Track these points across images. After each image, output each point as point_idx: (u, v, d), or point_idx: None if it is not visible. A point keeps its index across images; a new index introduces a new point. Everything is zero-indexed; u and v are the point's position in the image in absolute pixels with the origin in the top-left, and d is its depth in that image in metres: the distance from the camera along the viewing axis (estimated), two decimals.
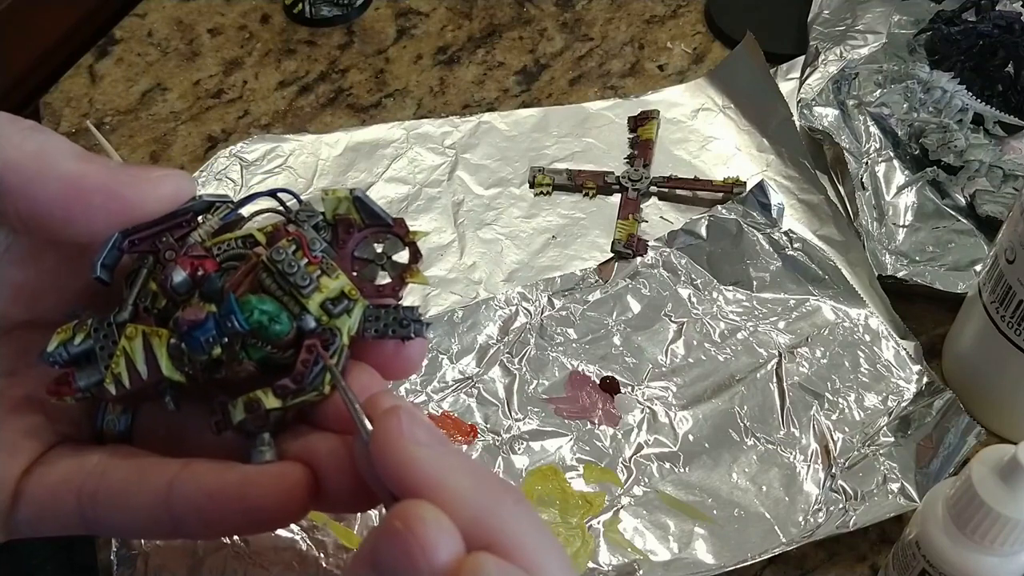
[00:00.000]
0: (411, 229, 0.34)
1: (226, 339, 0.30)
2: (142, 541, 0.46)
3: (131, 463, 0.32)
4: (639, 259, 0.58)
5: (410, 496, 0.26)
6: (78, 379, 0.32)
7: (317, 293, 0.31)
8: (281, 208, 0.34)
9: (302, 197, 0.34)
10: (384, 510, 0.29)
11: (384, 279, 0.34)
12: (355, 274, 0.33)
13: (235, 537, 0.46)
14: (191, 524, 0.32)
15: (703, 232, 0.59)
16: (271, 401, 0.31)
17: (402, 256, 0.34)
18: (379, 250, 0.34)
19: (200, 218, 0.33)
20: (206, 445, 0.32)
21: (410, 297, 0.56)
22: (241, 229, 0.33)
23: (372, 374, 0.33)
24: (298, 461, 0.31)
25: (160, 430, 0.34)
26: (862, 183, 0.61)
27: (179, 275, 0.31)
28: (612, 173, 0.63)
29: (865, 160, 0.62)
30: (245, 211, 0.34)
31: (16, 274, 0.34)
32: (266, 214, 0.34)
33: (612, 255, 0.59)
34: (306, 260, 0.32)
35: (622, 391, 0.53)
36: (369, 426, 0.29)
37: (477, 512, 0.27)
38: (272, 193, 0.33)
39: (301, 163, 0.64)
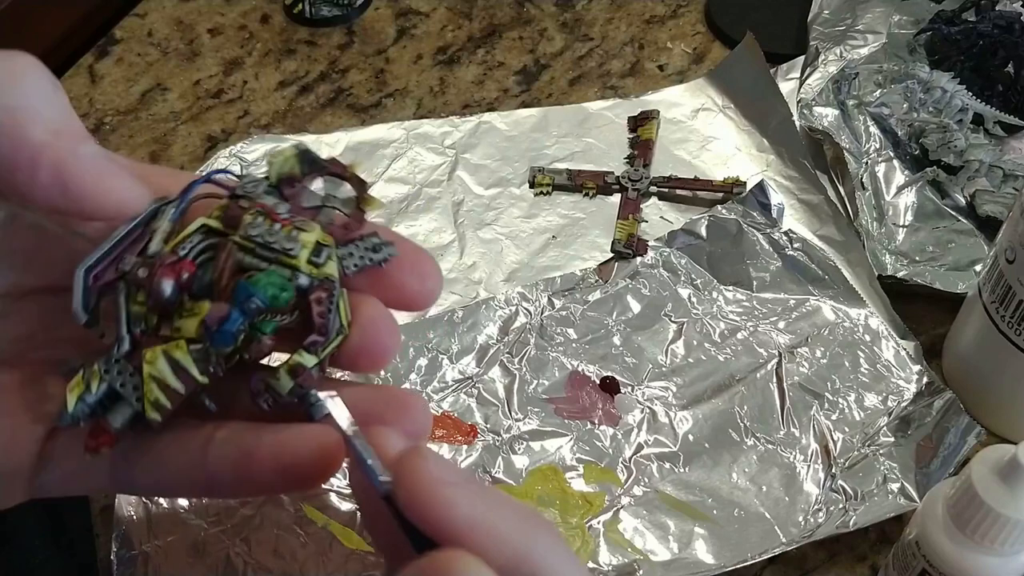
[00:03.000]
0: (346, 164, 0.34)
1: (248, 323, 0.31)
2: (142, 542, 0.46)
3: (168, 423, 0.33)
4: (639, 259, 0.58)
5: (447, 539, 0.26)
6: (112, 422, 0.32)
7: (303, 250, 0.32)
8: (221, 188, 0.34)
9: (236, 172, 0.34)
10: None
11: (342, 217, 0.34)
12: (314, 222, 0.34)
13: (235, 537, 0.46)
14: (226, 482, 0.33)
15: (703, 232, 0.59)
16: (309, 359, 0.32)
17: (348, 191, 0.34)
18: (323, 193, 0.34)
19: (152, 225, 0.33)
20: (237, 410, 0.33)
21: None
22: (192, 223, 0.33)
23: (375, 303, 0.33)
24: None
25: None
26: (862, 183, 0.61)
27: (167, 286, 0.31)
28: (612, 173, 0.63)
29: (865, 160, 0.62)
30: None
31: (25, 241, 0.34)
32: (205, 199, 0.34)
33: (612, 255, 0.59)
34: (279, 225, 0.32)
35: (622, 391, 0.53)
36: (380, 469, 0.28)
37: (516, 551, 0.26)
38: (208, 178, 0.33)
39: None
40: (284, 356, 0.32)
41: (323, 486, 0.48)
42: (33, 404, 0.34)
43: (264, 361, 0.33)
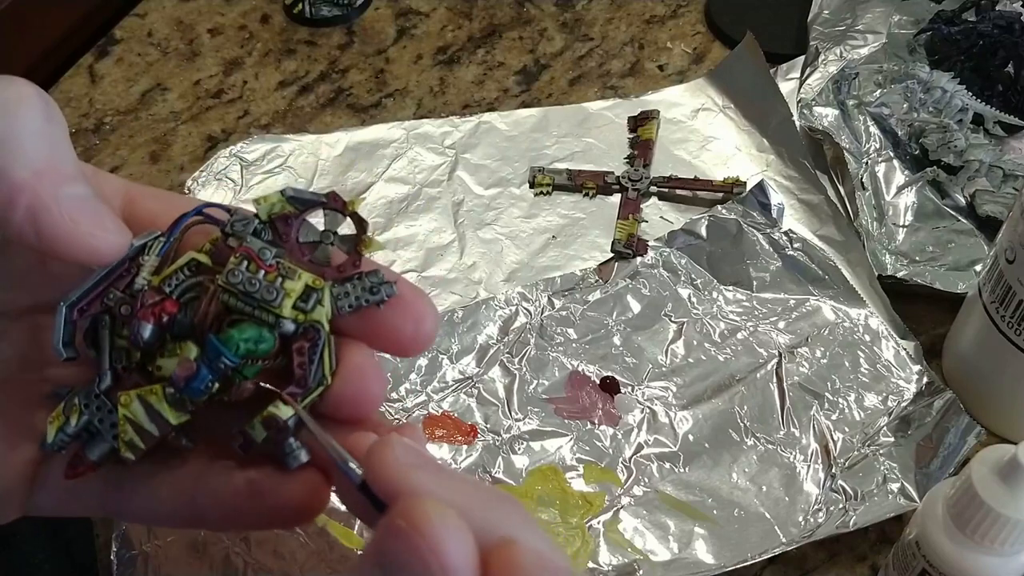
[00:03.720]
0: (346, 200, 0.34)
1: (220, 376, 0.31)
2: (142, 542, 0.46)
3: (157, 453, 0.33)
4: (639, 259, 0.58)
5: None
6: (88, 454, 0.32)
7: (286, 299, 0.31)
8: (211, 223, 0.33)
9: (228, 207, 0.34)
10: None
11: (339, 257, 0.34)
12: (308, 261, 0.33)
13: (235, 537, 0.46)
14: (213, 518, 0.33)
15: (703, 232, 0.59)
16: (284, 411, 0.31)
17: (348, 228, 0.34)
18: (322, 228, 0.34)
19: (140, 259, 0.33)
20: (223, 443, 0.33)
21: None
22: (180, 256, 0.33)
23: (363, 349, 0.33)
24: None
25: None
26: (862, 183, 0.61)
27: (146, 329, 0.31)
28: (612, 173, 0.63)
29: (865, 160, 0.62)
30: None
31: (19, 260, 0.33)
32: (200, 226, 0.33)
33: (612, 255, 0.59)
34: (263, 272, 0.32)
35: (622, 391, 0.53)
36: (354, 464, 0.29)
37: (486, 522, 0.27)
38: (198, 211, 0.33)
39: (301, 163, 0.64)
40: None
41: None
42: (26, 426, 0.34)
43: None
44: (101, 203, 0.32)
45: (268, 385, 0.32)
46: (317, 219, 0.34)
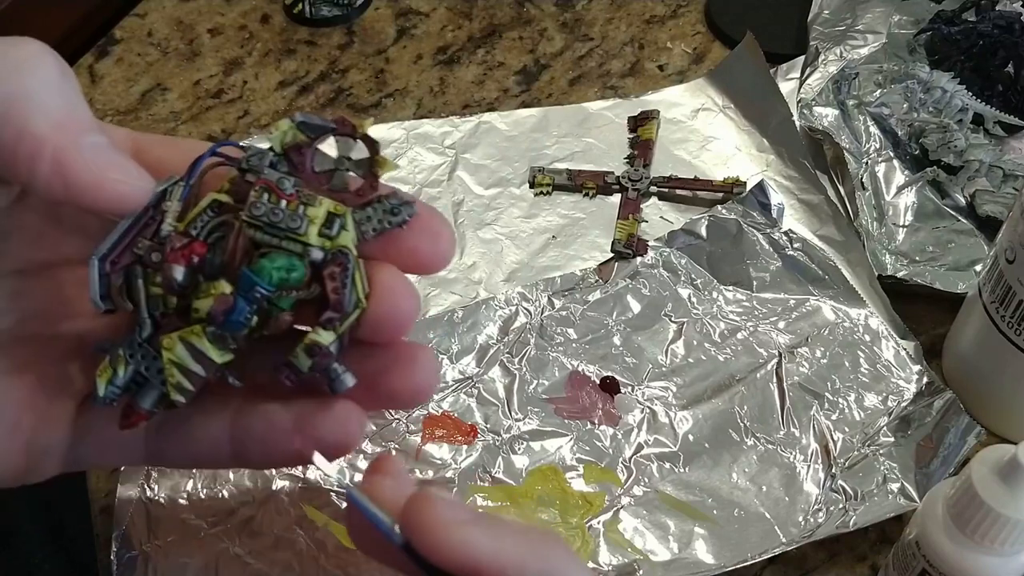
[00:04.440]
0: (355, 123, 0.34)
1: (257, 307, 0.31)
2: (142, 542, 0.46)
3: (196, 398, 0.33)
4: (639, 259, 0.58)
5: (472, 572, 0.28)
6: (140, 403, 0.33)
7: (311, 226, 0.32)
8: (227, 162, 0.33)
9: (242, 143, 0.34)
10: None
11: (355, 182, 0.34)
12: (326, 188, 0.33)
13: (235, 537, 0.46)
14: (253, 454, 0.34)
15: (703, 232, 0.59)
16: (326, 336, 0.32)
17: (361, 151, 0.34)
18: (336, 155, 0.34)
19: (163, 206, 0.33)
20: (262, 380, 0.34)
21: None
22: (203, 198, 0.33)
23: (391, 269, 0.33)
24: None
25: None
26: (862, 183, 0.61)
27: (179, 272, 0.32)
28: (612, 173, 0.63)
29: (865, 160, 0.62)
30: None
31: (33, 219, 0.33)
32: (217, 168, 0.33)
33: (612, 255, 0.59)
34: (284, 201, 0.32)
35: (622, 391, 0.53)
36: (388, 520, 0.29)
37: (535, 568, 0.28)
38: (213, 151, 0.33)
39: None
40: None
41: (323, 486, 0.48)
42: (61, 380, 0.34)
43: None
44: (120, 152, 0.32)
45: (301, 326, 0.32)
46: (328, 146, 0.34)
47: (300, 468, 0.49)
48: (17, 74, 0.30)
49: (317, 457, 0.33)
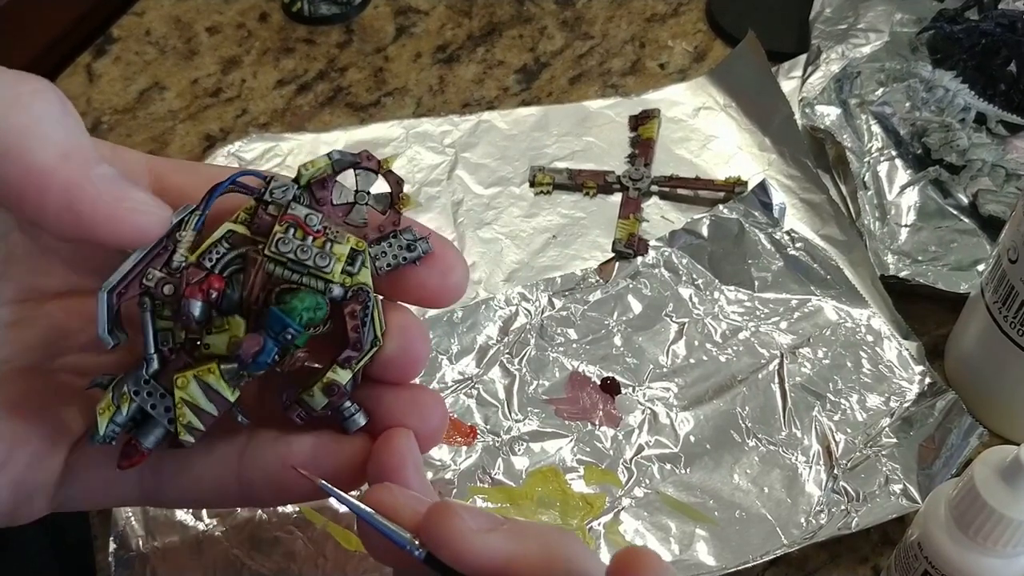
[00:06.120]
0: (379, 159, 0.34)
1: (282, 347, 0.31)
2: (140, 543, 0.46)
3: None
4: (640, 259, 0.58)
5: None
6: (143, 442, 0.32)
7: (336, 264, 0.31)
8: (244, 192, 0.33)
9: (262, 173, 0.33)
10: None
11: (375, 216, 0.34)
12: (345, 223, 0.33)
13: (234, 538, 0.46)
14: (262, 492, 0.33)
15: (704, 232, 0.59)
16: (343, 375, 0.32)
17: (382, 185, 0.34)
18: (354, 188, 0.33)
19: (176, 235, 0.32)
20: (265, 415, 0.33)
21: None
22: (217, 228, 0.32)
23: (404, 309, 0.33)
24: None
25: None
26: (864, 182, 0.61)
27: (196, 307, 0.30)
28: (613, 172, 0.63)
29: (867, 159, 0.62)
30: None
31: (33, 244, 0.32)
32: (227, 193, 0.32)
33: (613, 255, 0.59)
34: (311, 238, 0.31)
35: (623, 392, 0.53)
36: (404, 532, 0.29)
37: (558, 564, 0.28)
38: (232, 181, 0.32)
39: (299, 162, 0.63)
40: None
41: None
42: (56, 416, 0.33)
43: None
44: (131, 181, 0.30)
45: (314, 363, 0.32)
46: (346, 179, 0.33)
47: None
48: (18, 108, 0.29)
49: (332, 490, 0.32)
